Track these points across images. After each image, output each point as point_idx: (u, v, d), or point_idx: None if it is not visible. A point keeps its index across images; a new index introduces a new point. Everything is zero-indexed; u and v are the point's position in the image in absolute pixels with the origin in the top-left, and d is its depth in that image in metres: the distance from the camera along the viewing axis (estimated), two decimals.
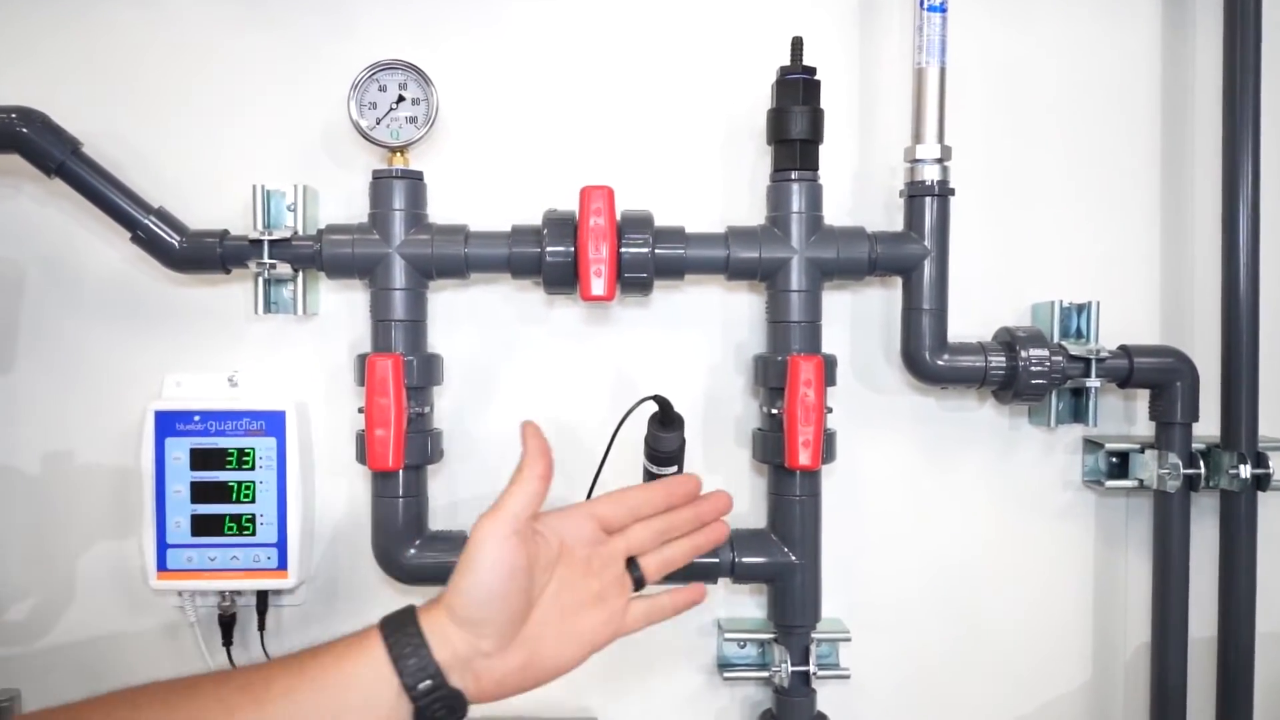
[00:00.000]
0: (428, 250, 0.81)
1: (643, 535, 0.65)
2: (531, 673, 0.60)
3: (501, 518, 0.58)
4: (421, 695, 0.55)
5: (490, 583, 0.57)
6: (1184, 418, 0.85)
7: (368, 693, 0.55)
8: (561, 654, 0.61)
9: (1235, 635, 0.88)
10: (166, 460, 0.84)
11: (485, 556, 0.57)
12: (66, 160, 0.79)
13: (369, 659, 0.56)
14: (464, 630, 0.57)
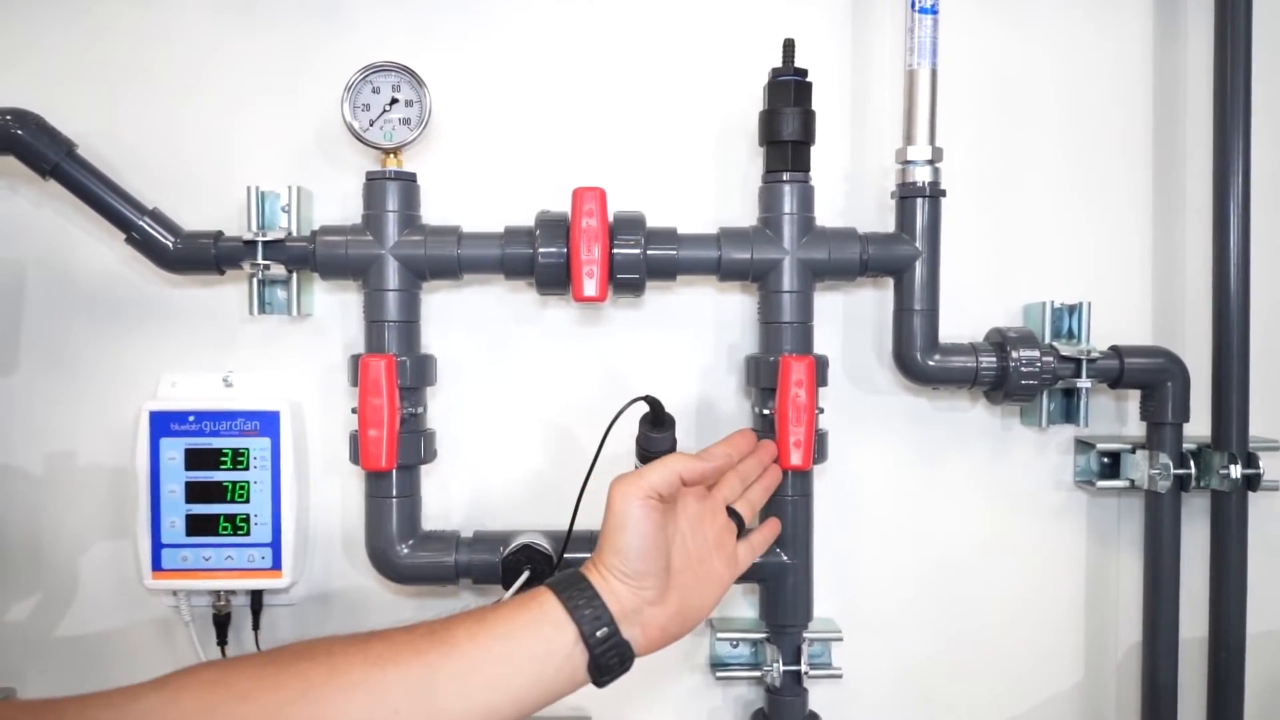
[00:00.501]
0: (421, 251, 0.81)
1: (733, 485, 0.74)
2: (685, 617, 0.67)
3: (642, 485, 0.65)
4: (599, 643, 0.61)
5: (644, 536, 0.64)
6: (1175, 418, 0.85)
7: (547, 641, 0.61)
8: (704, 597, 0.68)
9: (1226, 635, 0.88)
10: (161, 460, 0.85)
11: (633, 515, 0.64)
12: (61, 162, 0.79)
13: (546, 612, 0.62)
14: (628, 583, 0.64)
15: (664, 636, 0.65)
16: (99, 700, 0.54)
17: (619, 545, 0.64)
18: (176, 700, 0.55)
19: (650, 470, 0.66)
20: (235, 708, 0.55)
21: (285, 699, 0.56)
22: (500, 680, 0.59)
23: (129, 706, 0.54)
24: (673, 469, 0.66)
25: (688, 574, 0.67)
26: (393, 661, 0.58)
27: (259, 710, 0.55)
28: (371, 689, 0.57)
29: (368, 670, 0.58)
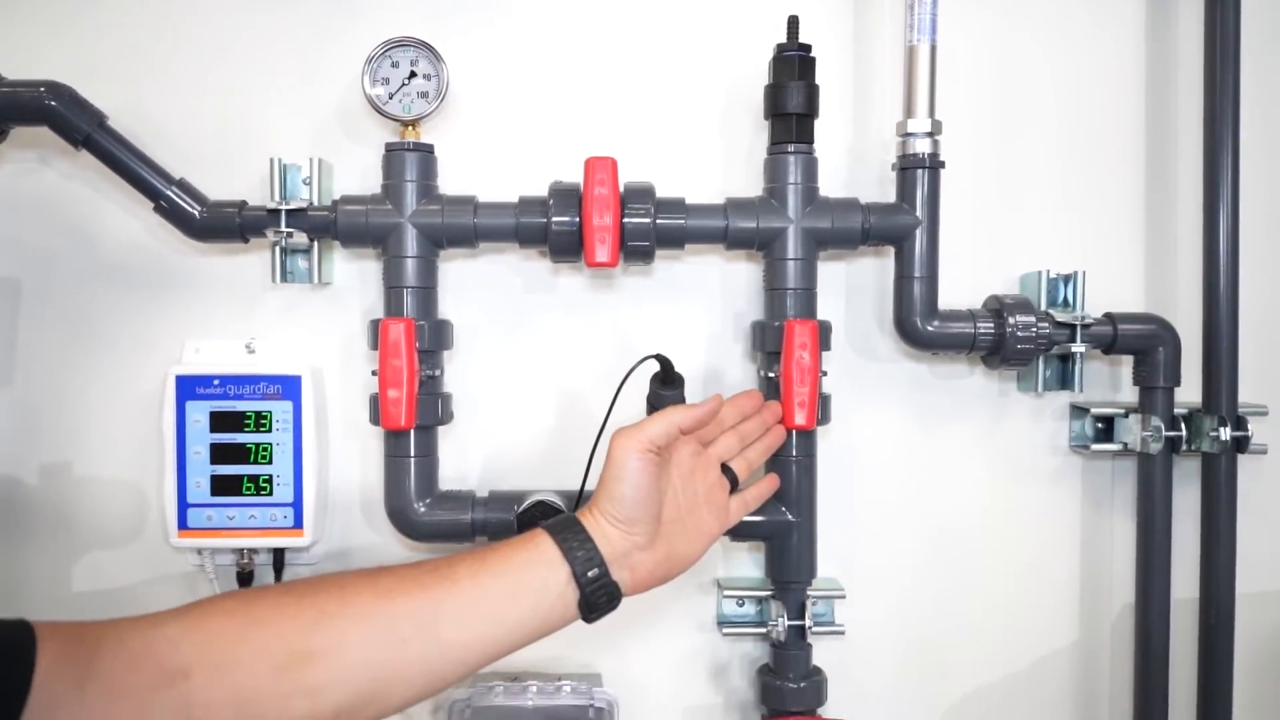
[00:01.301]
0: (438, 220, 0.84)
1: (730, 443, 0.78)
2: (671, 563, 0.71)
3: (641, 438, 0.69)
4: (589, 582, 0.66)
5: (639, 486, 0.68)
6: (1166, 382, 0.88)
7: (543, 578, 0.66)
8: (691, 546, 0.72)
9: (1216, 595, 0.91)
10: (187, 423, 0.88)
11: (630, 466, 0.68)
12: (93, 133, 0.82)
13: (542, 552, 0.66)
14: (620, 529, 0.68)
15: (651, 579, 0.70)
16: (126, 625, 0.59)
17: (615, 493, 0.68)
18: (201, 625, 0.60)
19: (649, 422, 0.70)
20: (254, 632, 0.60)
21: (301, 625, 0.61)
22: (498, 614, 0.64)
23: (155, 631, 0.59)
24: (670, 419, 0.70)
25: (677, 524, 0.72)
26: (401, 594, 0.63)
27: (276, 635, 0.60)
28: (380, 618, 0.62)
29: (377, 601, 0.63)
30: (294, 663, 0.59)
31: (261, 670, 0.59)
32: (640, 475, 0.68)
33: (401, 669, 0.62)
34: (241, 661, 0.59)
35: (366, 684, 0.61)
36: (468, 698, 0.86)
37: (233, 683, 0.58)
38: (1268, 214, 0.94)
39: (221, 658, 0.59)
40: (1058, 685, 0.96)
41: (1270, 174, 0.94)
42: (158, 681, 0.56)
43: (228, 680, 0.58)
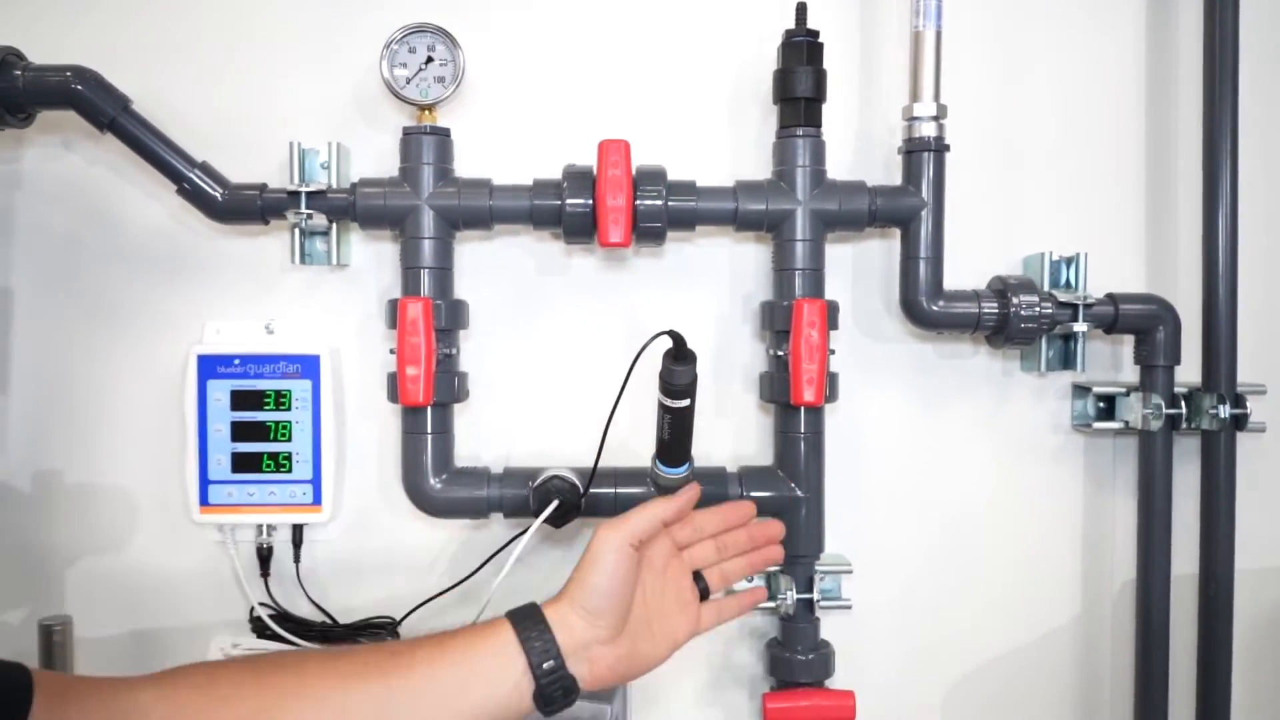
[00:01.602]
0: (455, 202, 0.86)
1: (705, 552, 0.77)
2: (632, 662, 0.70)
3: (624, 532, 0.70)
4: (544, 674, 0.66)
5: (613, 578, 0.69)
6: (1166, 360, 0.90)
7: (498, 668, 0.66)
8: (655, 649, 0.72)
9: (1215, 571, 0.93)
10: (208, 401, 0.90)
11: (608, 559, 0.69)
12: (118, 116, 0.84)
13: (500, 641, 0.67)
14: (585, 620, 0.68)
15: (612, 675, 0.69)
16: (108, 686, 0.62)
17: (588, 581, 0.69)
18: (170, 697, 0.63)
19: (632, 515, 0.72)
20: (216, 709, 0.62)
21: (261, 706, 0.63)
22: (451, 702, 0.65)
23: (131, 697, 0.62)
24: (653, 512, 0.72)
25: (643, 624, 0.71)
26: (358, 680, 0.65)
27: (235, 714, 0.62)
28: (336, 705, 0.64)
29: (335, 686, 0.65)
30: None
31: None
32: (617, 568, 0.69)
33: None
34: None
35: None
36: None
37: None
38: (1266, 196, 0.96)
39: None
40: (1060, 659, 0.98)
41: (1268, 157, 0.96)
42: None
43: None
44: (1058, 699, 0.98)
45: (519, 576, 0.91)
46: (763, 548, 0.80)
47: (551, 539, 0.93)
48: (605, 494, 0.88)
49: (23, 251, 0.92)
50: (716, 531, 0.78)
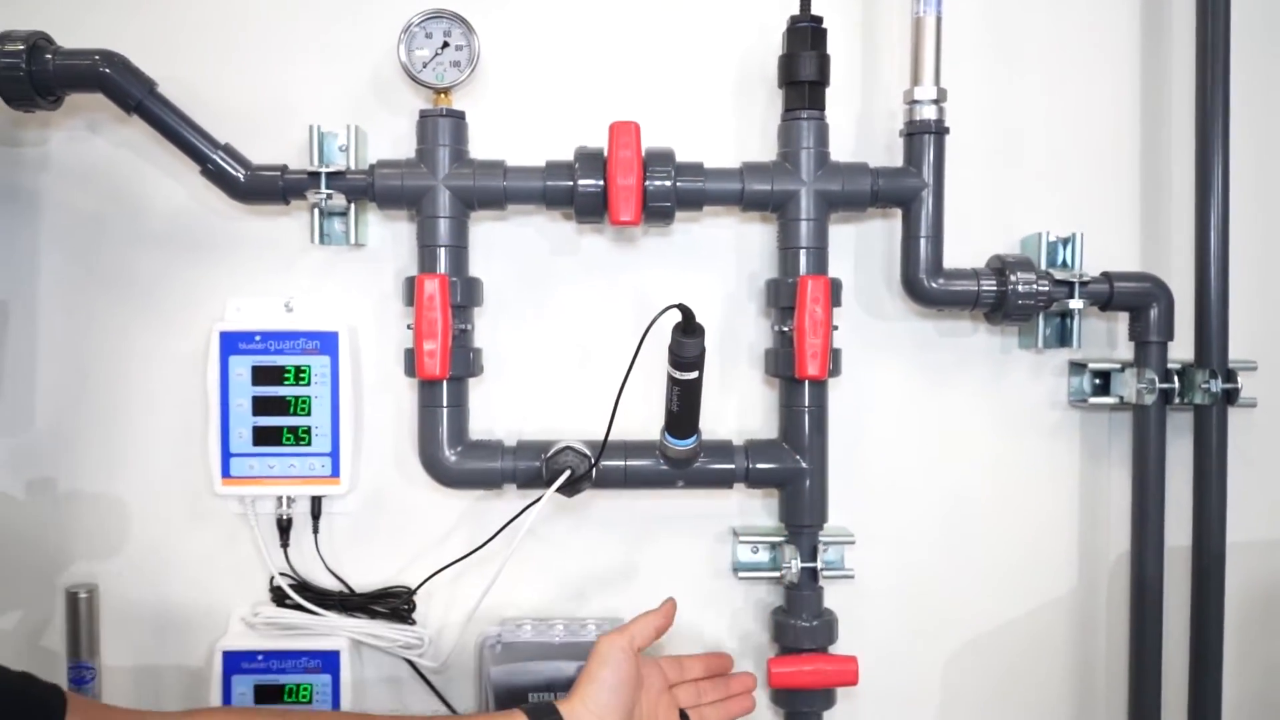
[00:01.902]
0: (470, 182, 0.89)
1: (689, 693, 0.87)
2: None
3: (626, 637, 0.80)
4: None
5: (619, 670, 0.78)
6: (1159, 337, 0.93)
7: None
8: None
9: (1208, 542, 0.95)
10: (230, 376, 0.92)
11: (615, 657, 0.78)
12: (144, 99, 0.87)
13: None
14: (594, 717, 0.75)
15: None
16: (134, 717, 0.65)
17: (597, 677, 0.77)
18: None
19: (631, 624, 0.82)
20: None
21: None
22: None
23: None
24: (647, 621, 0.82)
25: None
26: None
27: None
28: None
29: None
30: None
31: None
32: (622, 665, 0.78)
33: None
34: None
35: None
36: (498, 634, 0.91)
37: None
38: (1258, 177, 0.98)
39: None
40: (1057, 630, 1.01)
41: (1260, 137, 0.98)
42: None
43: None
44: (1055, 668, 1.01)
45: (531, 547, 0.95)
46: (737, 695, 0.89)
47: (563, 509, 0.96)
48: (615, 466, 0.91)
49: (50, 231, 0.95)
50: (699, 676, 0.88)
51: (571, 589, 0.98)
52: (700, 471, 0.91)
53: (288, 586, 0.94)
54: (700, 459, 0.90)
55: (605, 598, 0.98)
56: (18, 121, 0.93)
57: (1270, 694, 1.02)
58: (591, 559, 0.98)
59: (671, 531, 0.98)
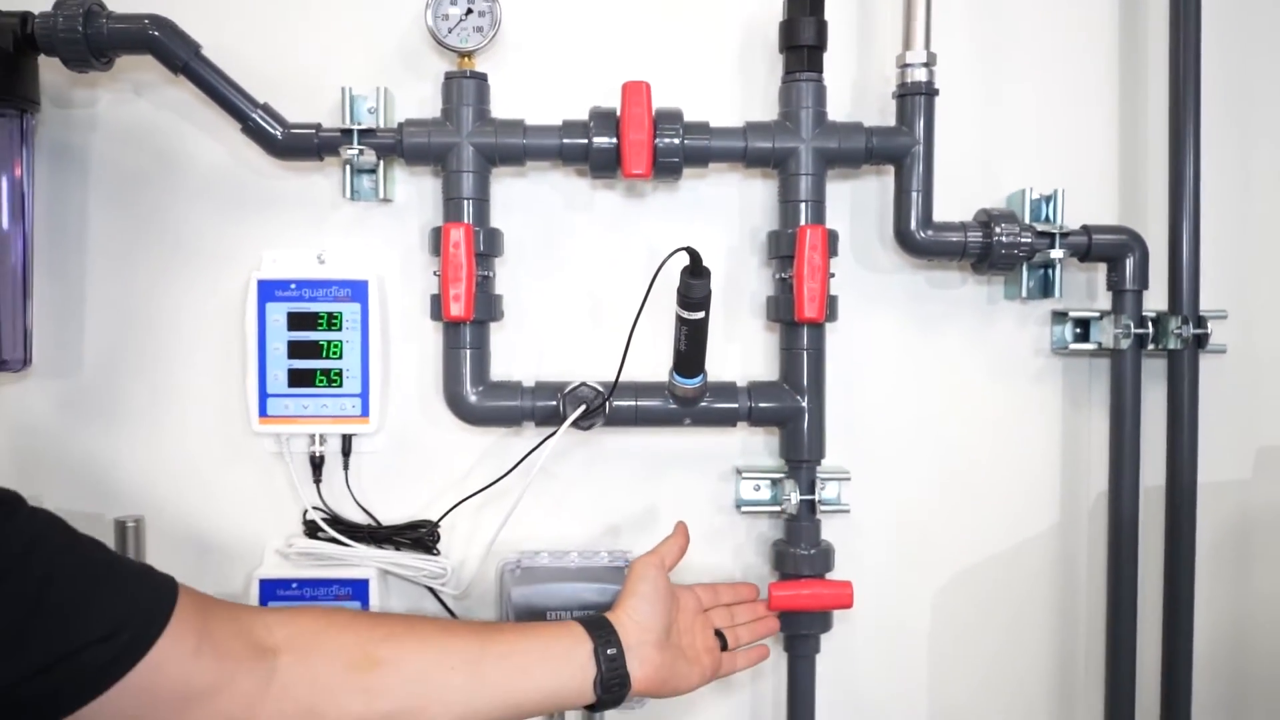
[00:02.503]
0: (492, 139, 0.95)
1: (722, 615, 0.93)
2: (672, 673, 0.83)
3: (655, 556, 0.88)
4: (607, 660, 0.78)
5: (655, 586, 0.85)
6: (1135, 285, 0.99)
7: (569, 648, 0.79)
8: (688, 674, 0.85)
9: (1181, 481, 1.02)
10: (267, 322, 0.99)
11: (649, 573, 0.86)
12: (190, 61, 0.93)
13: (573, 632, 0.80)
14: (636, 627, 0.81)
15: (656, 678, 0.81)
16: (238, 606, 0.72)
17: (636, 591, 0.84)
18: (294, 619, 0.73)
19: (657, 546, 0.89)
20: (335, 633, 0.73)
21: (374, 637, 0.73)
22: (531, 666, 0.77)
23: (258, 616, 0.72)
24: (672, 543, 0.90)
25: (679, 651, 0.85)
26: (457, 633, 0.79)
27: (353, 639, 0.73)
28: (437, 647, 0.76)
29: (438, 630, 0.78)
30: (362, 665, 0.71)
31: (336, 665, 0.70)
32: (656, 580, 0.85)
33: (443, 694, 0.73)
34: (322, 652, 0.71)
35: (414, 699, 0.72)
36: (518, 560, 0.97)
37: (310, 669, 0.69)
38: (1227, 136, 1.05)
39: (308, 645, 0.70)
40: (1040, 563, 1.07)
41: (1231, 97, 1.05)
42: (254, 654, 0.68)
43: (307, 666, 0.69)
44: (1037, 599, 1.08)
45: (547, 484, 1.02)
46: (764, 618, 0.96)
47: (578, 445, 1.02)
48: (627, 406, 0.97)
49: (97, 187, 1.01)
50: (730, 601, 0.95)
51: (585, 525, 1.04)
52: (706, 410, 0.98)
53: (320, 520, 1.00)
54: (706, 399, 0.97)
55: (617, 532, 1.04)
56: (69, 85, 1.00)
57: (1242, 623, 1.09)
58: (604, 497, 1.04)
59: (679, 470, 1.04)
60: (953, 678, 1.07)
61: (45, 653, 0.58)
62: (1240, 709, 1.09)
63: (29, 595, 0.58)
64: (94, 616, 0.60)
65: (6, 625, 0.57)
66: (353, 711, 0.69)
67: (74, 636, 0.59)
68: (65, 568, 0.61)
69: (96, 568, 0.63)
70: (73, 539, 0.64)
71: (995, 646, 1.08)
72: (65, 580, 0.60)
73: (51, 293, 1.00)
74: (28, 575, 0.59)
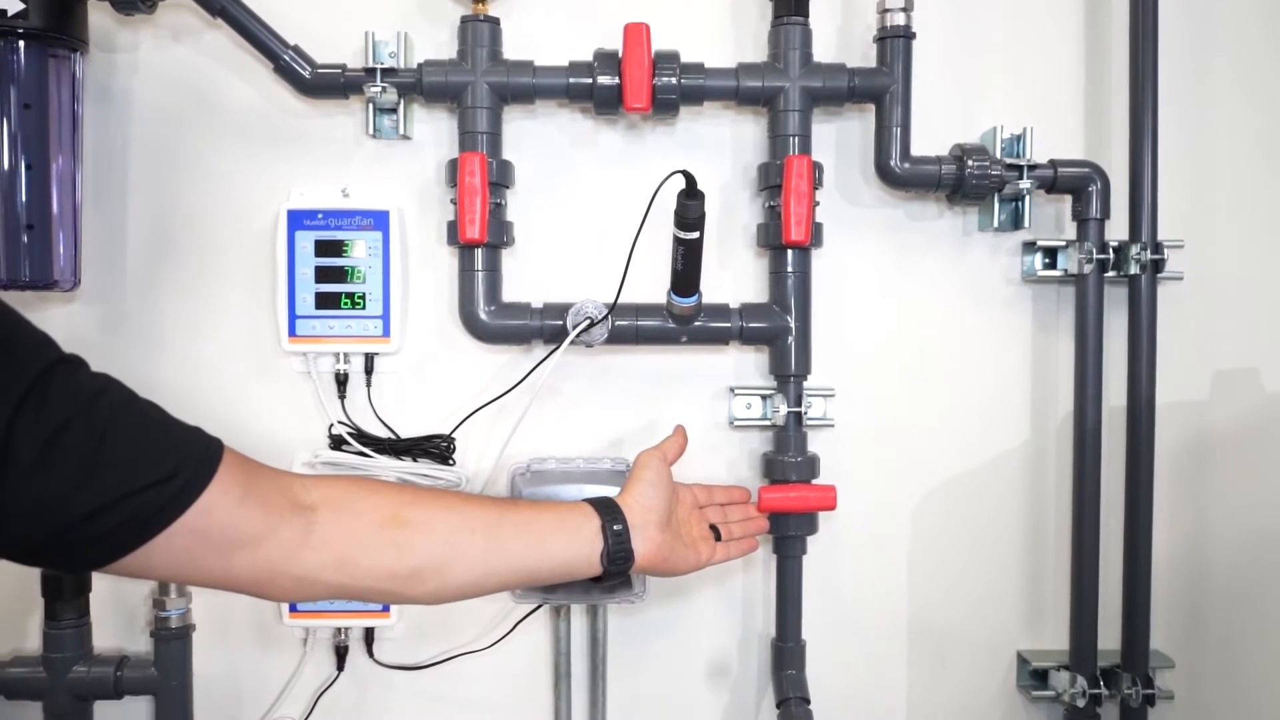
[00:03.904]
0: (504, 78, 1.03)
1: (715, 514, 1.01)
2: (671, 554, 0.90)
3: (659, 449, 0.95)
4: (614, 535, 0.85)
5: (658, 473, 0.92)
6: (1098, 215, 1.07)
7: (580, 522, 0.86)
8: (687, 555, 0.93)
9: (1140, 400, 1.10)
10: (296, 249, 1.07)
11: (653, 463, 0.93)
12: (227, 4, 1.01)
13: (583, 509, 0.87)
14: (640, 509, 0.88)
15: (657, 557, 0.88)
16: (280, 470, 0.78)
17: (641, 477, 0.91)
18: (331, 482, 0.80)
19: (665, 443, 0.97)
20: (369, 494, 0.80)
21: (403, 500, 0.81)
22: (545, 536, 0.84)
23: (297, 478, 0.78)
24: (672, 441, 0.98)
25: (678, 535, 0.92)
26: (478, 503, 0.86)
27: (384, 499, 0.80)
28: (460, 512, 0.82)
29: (460, 499, 0.86)
30: (393, 523, 0.78)
31: (369, 521, 0.77)
32: (659, 469, 0.92)
33: (466, 552, 0.80)
34: (356, 511, 0.77)
35: (439, 555, 0.79)
36: (528, 465, 1.06)
37: (345, 524, 0.76)
38: (1185, 78, 1.12)
39: (343, 504, 0.77)
40: (1012, 477, 1.15)
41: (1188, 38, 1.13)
42: (294, 509, 0.75)
43: (342, 521, 0.76)
44: (1010, 510, 1.16)
45: (554, 400, 1.10)
46: (754, 518, 1.03)
47: (584, 362, 1.11)
48: (628, 325, 1.05)
49: (139, 126, 1.10)
50: (724, 501, 1.02)
51: (590, 438, 1.12)
52: (701, 329, 1.06)
53: (345, 433, 1.09)
54: (701, 318, 1.05)
55: (620, 445, 1.12)
56: (114, 29, 1.08)
57: (1200, 534, 1.17)
58: (606, 413, 1.13)
59: (676, 389, 1.13)
60: (930, 581, 1.15)
61: (110, 491, 0.65)
62: (1196, 612, 1.17)
63: (95, 438, 0.65)
64: (152, 462, 0.67)
65: (76, 464, 0.63)
66: (384, 563, 0.77)
67: (135, 478, 0.66)
68: (127, 418, 0.68)
69: (154, 421, 0.70)
70: (132, 395, 0.71)
71: (970, 552, 1.16)
72: (127, 428, 0.67)
73: (98, 222, 1.09)
74: (94, 421, 0.65)
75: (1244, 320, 1.15)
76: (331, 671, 1.12)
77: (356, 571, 0.76)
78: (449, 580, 0.80)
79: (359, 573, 0.76)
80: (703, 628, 1.15)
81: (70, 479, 0.63)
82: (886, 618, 1.16)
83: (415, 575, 0.78)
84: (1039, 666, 1.14)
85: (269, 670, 1.13)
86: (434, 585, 0.80)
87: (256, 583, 0.74)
